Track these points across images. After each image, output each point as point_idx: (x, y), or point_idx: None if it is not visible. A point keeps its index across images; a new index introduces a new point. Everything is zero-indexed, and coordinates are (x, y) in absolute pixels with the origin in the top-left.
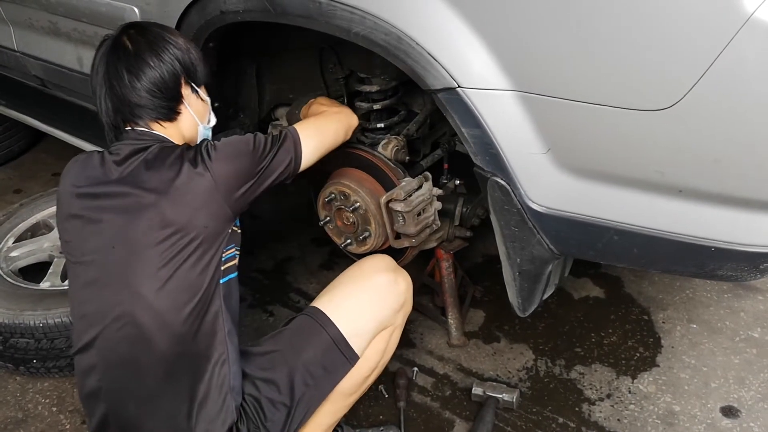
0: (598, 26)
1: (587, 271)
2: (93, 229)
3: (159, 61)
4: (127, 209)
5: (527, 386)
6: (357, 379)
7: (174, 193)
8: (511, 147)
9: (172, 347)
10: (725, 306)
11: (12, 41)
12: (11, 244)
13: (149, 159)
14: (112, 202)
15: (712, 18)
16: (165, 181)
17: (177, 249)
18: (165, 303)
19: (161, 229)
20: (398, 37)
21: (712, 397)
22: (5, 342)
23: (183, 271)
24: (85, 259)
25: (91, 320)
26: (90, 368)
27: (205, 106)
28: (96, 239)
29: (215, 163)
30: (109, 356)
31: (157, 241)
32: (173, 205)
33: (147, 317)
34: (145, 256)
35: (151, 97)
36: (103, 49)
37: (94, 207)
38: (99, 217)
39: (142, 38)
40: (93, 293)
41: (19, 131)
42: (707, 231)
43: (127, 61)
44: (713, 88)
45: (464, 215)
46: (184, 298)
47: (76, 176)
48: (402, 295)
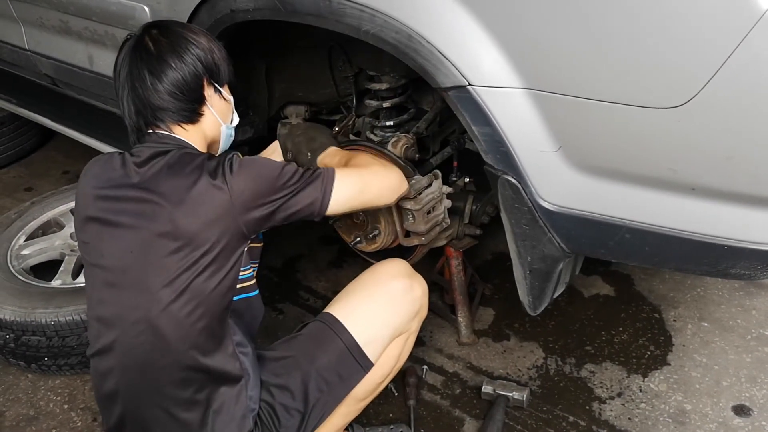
0: (610, 23)
1: (597, 269)
2: (111, 232)
3: (181, 63)
4: (145, 215)
5: (537, 385)
6: (371, 384)
7: (188, 203)
8: (522, 145)
9: (188, 355)
10: (737, 304)
11: (23, 40)
12: (23, 242)
13: (170, 164)
14: (130, 207)
15: (725, 15)
16: (181, 190)
17: (190, 261)
18: (182, 312)
19: (173, 240)
20: (408, 35)
21: (724, 395)
22: (17, 340)
23: (198, 283)
24: (103, 262)
25: (108, 323)
26: (108, 371)
27: (228, 106)
28: (114, 243)
29: (235, 178)
30: (127, 360)
31: (170, 250)
32: (186, 214)
33: (165, 324)
34: (161, 264)
35: (173, 100)
36: (125, 49)
37: (114, 210)
38: (117, 221)
39: (164, 39)
40: (111, 296)
41: (29, 129)
42: (720, 229)
43: (149, 63)
44: (726, 85)
45: (474, 213)
46: (200, 310)
47: (97, 177)
48: (417, 301)
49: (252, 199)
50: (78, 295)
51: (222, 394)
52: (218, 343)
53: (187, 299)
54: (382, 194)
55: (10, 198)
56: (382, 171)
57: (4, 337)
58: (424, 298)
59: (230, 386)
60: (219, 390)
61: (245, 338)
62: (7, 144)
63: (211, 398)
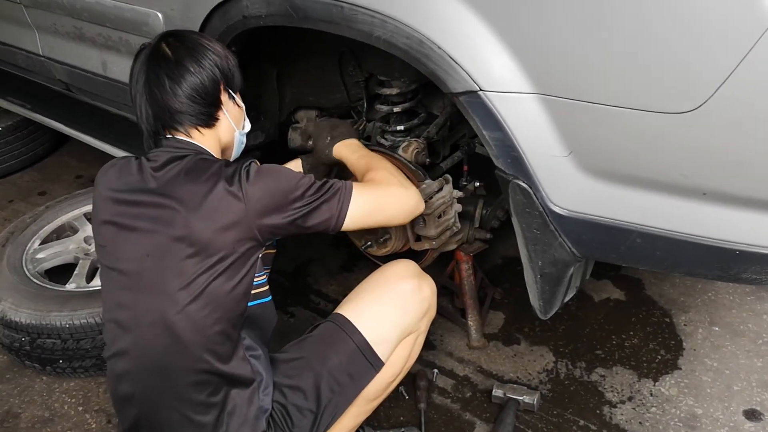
0: (620, 28)
1: (607, 273)
2: (127, 236)
3: (199, 68)
4: (161, 219)
5: (548, 388)
6: (381, 384)
7: (205, 209)
8: (533, 150)
9: (203, 359)
10: (748, 309)
11: (37, 46)
12: (37, 245)
13: (187, 169)
14: (147, 211)
15: (737, 20)
16: (198, 195)
17: (206, 265)
18: (199, 314)
19: (189, 245)
20: (420, 41)
21: (735, 400)
22: (32, 342)
23: (214, 287)
24: (119, 266)
25: (125, 326)
26: (124, 373)
27: (240, 112)
28: (130, 247)
29: (251, 186)
30: (143, 363)
31: (186, 255)
32: (202, 220)
33: (182, 326)
34: (177, 267)
35: (192, 103)
36: (142, 57)
37: (131, 214)
38: (134, 225)
39: (181, 45)
40: (128, 299)
41: (43, 134)
42: (731, 234)
43: (167, 68)
44: (737, 90)
45: (484, 217)
46: (216, 314)
47: (114, 181)
48: (426, 301)
49: (267, 209)
50: (92, 299)
51: (235, 396)
52: (232, 347)
53: (204, 303)
54: (397, 215)
55: (24, 202)
56: (401, 192)
57: (20, 340)
58: (432, 298)
59: (243, 389)
60: (232, 392)
61: (256, 342)
62: (21, 149)
63: (225, 401)
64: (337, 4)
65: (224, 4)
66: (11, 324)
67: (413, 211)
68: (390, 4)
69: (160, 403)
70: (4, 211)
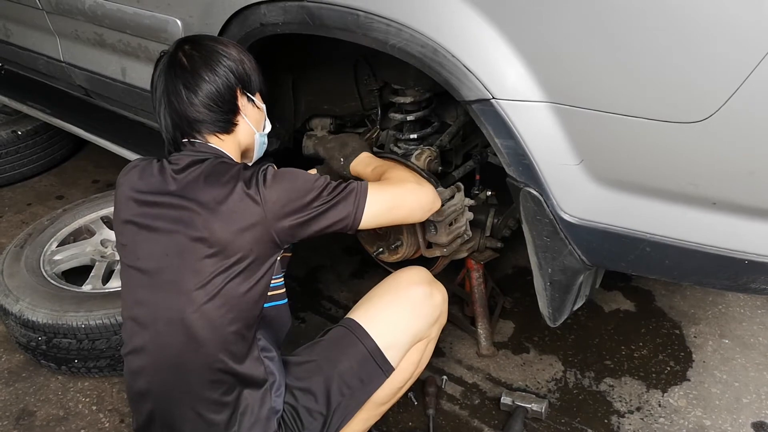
0: (633, 38)
1: (618, 284)
2: (148, 236)
3: (214, 76)
4: (182, 220)
5: (556, 397)
6: (391, 389)
7: (224, 212)
8: (544, 158)
9: (218, 358)
10: (758, 321)
11: (58, 52)
12: (55, 247)
13: (207, 173)
14: (168, 212)
15: (747, 31)
16: (217, 199)
17: (224, 266)
18: (215, 313)
19: (209, 247)
20: (434, 49)
21: (744, 412)
22: (49, 342)
23: (231, 287)
24: (139, 264)
25: (143, 323)
26: (140, 370)
27: (261, 114)
28: (150, 246)
29: (269, 189)
30: (159, 359)
31: (205, 255)
32: (221, 222)
33: (198, 324)
34: (196, 267)
35: (209, 112)
36: (161, 66)
37: (151, 215)
38: (154, 225)
39: (196, 53)
40: (146, 297)
41: (62, 139)
42: (741, 244)
43: (183, 77)
44: (749, 100)
45: (495, 226)
46: (231, 314)
47: (136, 181)
48: (438, 308)
49: (284, 210)
50: (108, 300)
51: (248, 396)
52: (247, 347)
53: (220, 302)
54: (414, 212)
55: (42, 205)
56: (417, 188)
57: (36, 339)
58: (443, 305)
59: (256, 389)
60: (245, 392)
61: (270, 343)
62: (40, 153)
63: (238, 400)
64: (353, 12)
65: (242, 12)
66: (28, 323)
67: (430, 207)
68: (405, 13)
69: (174, 400)
70: (22, 214)
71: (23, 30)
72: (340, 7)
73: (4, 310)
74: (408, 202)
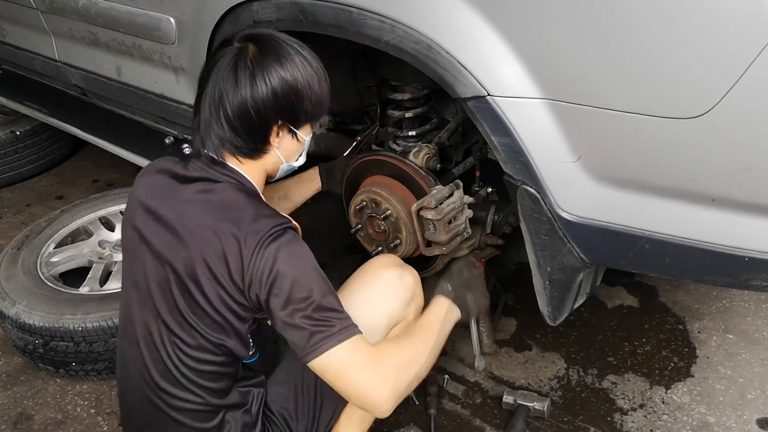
0: (629, 33)
1: (621, 280)
2: (144, 251)
3: (253, 100)
4: (171, 248)
5: (559, 395)
6: None
7: (212, 253)
8: (541, 155)
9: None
10: (763, 316)
11: (53, 51)
12: (52, 249)
13: (211, 203)
14: (163, 234)
15: (744, 26)
16: (211, 236)
17: (200, 311)
18: (191, 355)
19: (186, 286)
20: (428, 46)
21: (748, 408)
22: (46, 345)
23: (206, 332)
24: (133, 276)
25: (130, 337)
26: (125, 384)
27: (299, 146)
28: (143, 264)
29: (264, 259)
30: (140, 380)
31: (182, 293)
32: (205, 265)
33: (162, 350)
34: (175, 305)
35: (235, 136)
36: (221, 62)
37: (150, 227)
38: (150, 240)
39: (255, 62)
40: (135, 312)
41: (60, 139)
42: (741, 240)
43: (225, 85)
44: (746, 95)
45: (496, 223)
46: (207, 356)
47: (148, 186)
48: (410, 288)
49: (266, 286)
50: (105, 302)
51: (230, 418)
52: (228, 384)
53: (196, 345)
54: (355, 397)
55: (41, 206)
56: (372, 385)
57: (34, 342)
58: (417, 286)
59: (236, 410)
60: (227, 415)
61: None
62: (39, 153)
63: (222, 425)
64: (345, 8)
65: (235, 9)
66: (25, 326)
67: (371, 406)
68: (399, 9)
69: (158, 424)
70: (21, 215)
71: (19, 30)
72: (333, 3)
73: (1, 313)
74: (354, 389)
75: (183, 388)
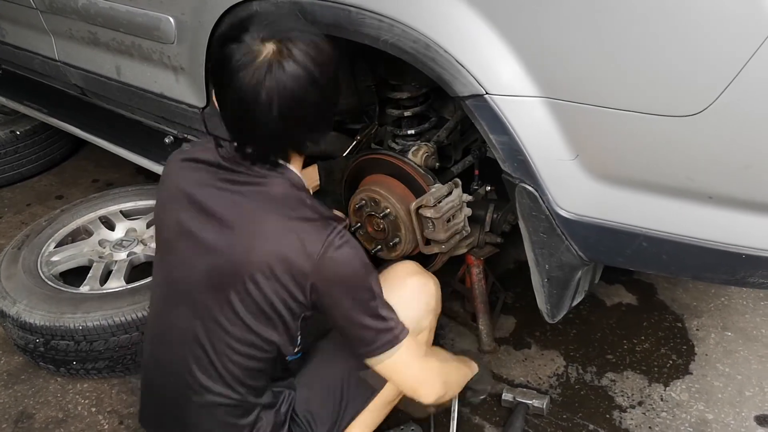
0: (626, 32)
1: (620, 278)
2: (187, 245)
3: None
4: (221, 241)
5: (558, 393)
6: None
7: (271, 249)
8: (539, 153)
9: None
10: (761, 313)
11: (53, 51)
12: (52, 249)
13: (266, 198)
14: (212, 226)
15: (740, 24)
16: (265, 241)
17: (252, 308)
18: (238, 336)
19: (239, 284)
20: (426, 45)
21: (747, 405)
22: (46, 344)
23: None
24: (169, 271)
25: (158, 328)
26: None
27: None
28: (183, 257)
29: (331, 257)
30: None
31: (235, 291)
32: (262, 261)
33: (208, 346)
34: (226, 303)
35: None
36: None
37: (197, 221)
38: (198, 234)
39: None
40: (165, 302)
41: (60, 139)
42: (738, 238)
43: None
44: (742, 94)
45: (495, 221)
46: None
47: (192, 176)
48: (433, 296)
49: (330, 283)
50: (105, 301)
51: (263, 416)
52: (265, 384)
53: (245, 341)
54: (413, 391)
55: (41, 205)
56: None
57: (34, 341)
58: (438, 293)
59: (269, 410)
60: (261, 413)
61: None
62: (39, 153)
63: (256, 423)
64: (344, 8)
65: (234, 9)
66: (26, 325)
67: (428, 397)
68: (397, 8)
69: (188, 415)
70: (21, 215)
71: (18, 29)
72: (332, 3)
73: (2, 312)
74: (417, 379)
75: (224, 385)
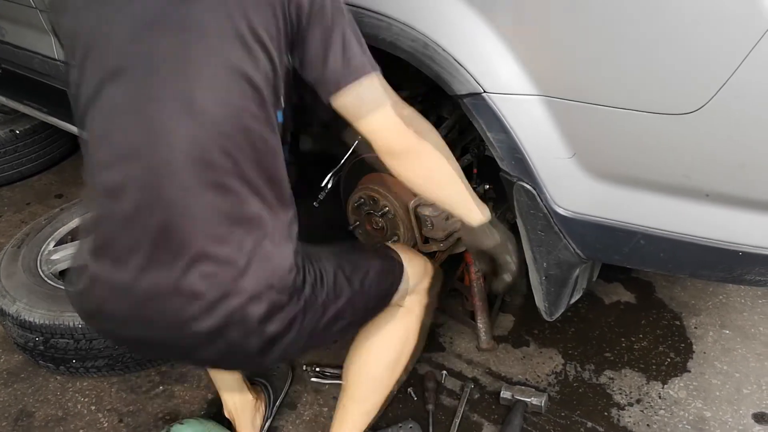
0: (623, 30)
1: (618, 276)
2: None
3: None
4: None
5: (556, 390)
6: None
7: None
8: (537, 152)
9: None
10: (759, 311)
11: (53, 50)
12: (52, 247)
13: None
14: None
15: (736, 22)
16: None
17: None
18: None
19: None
20: (424, 43)
21: (744, 403)
22: (46, 342)
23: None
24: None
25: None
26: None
27: None
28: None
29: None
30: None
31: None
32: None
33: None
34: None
35: None
36: None
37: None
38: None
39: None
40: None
41: (60, 138)
42: (734, 235)
43: None
44: (738, 92)
45: (493, 220)
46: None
47: None
48: (426, 261)
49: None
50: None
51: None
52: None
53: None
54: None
55: (41, 204)
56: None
57: (34, 340)
58: (428, 263)
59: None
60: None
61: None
62: (38, 152)
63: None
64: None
65: None
66: (25, 324)
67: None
68: (395, 7)
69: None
70: (21, 214)
71: (18, 29)
72: None
73: (2, 310)
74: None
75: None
